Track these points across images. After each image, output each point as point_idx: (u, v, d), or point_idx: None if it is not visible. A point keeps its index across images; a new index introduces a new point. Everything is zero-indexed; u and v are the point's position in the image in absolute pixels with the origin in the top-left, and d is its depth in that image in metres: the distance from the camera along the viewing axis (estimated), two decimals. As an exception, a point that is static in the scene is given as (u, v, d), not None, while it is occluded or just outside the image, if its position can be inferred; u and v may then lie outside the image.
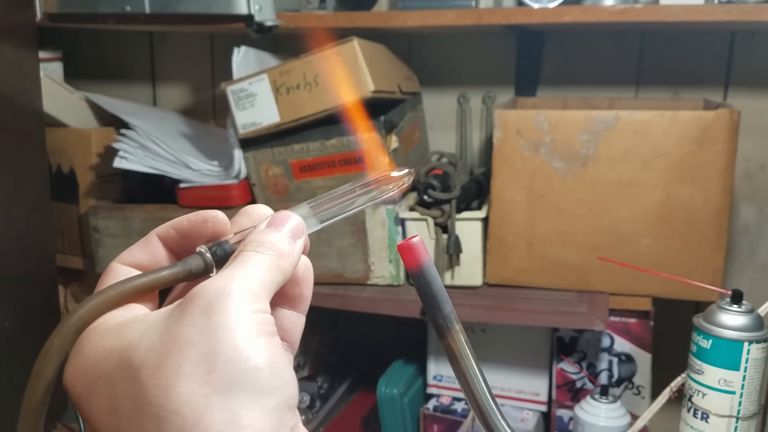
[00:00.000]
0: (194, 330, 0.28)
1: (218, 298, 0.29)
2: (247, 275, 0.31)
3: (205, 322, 0.29)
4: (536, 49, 1.34)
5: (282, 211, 0.35)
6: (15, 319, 1.10)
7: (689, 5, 1.04)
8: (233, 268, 0.31)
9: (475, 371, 0.35)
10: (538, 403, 1.20)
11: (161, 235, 0.35)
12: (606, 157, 1.05)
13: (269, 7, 1.14)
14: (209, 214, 0.35)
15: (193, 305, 0.29)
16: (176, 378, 0.28)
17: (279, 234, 0.33)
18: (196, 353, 0.28)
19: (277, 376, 0.29)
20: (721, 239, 1.04)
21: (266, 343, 0.29)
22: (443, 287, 0.35)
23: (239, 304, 0.29)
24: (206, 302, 0.29)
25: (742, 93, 1.27)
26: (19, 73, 1.14)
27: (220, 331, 0.28)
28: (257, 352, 0.29)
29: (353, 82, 1.05)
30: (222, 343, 0.28)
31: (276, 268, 0.32)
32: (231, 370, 0.28)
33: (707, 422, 0.77)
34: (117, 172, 1.29)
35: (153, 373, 0.28)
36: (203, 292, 0.30)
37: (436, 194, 1.09)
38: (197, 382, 0.28)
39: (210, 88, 1.57)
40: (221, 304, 0.29)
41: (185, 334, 0.28)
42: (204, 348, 0.28)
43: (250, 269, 0.31)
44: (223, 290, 0.29)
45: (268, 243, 0.33)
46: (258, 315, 0.30)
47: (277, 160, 1.14)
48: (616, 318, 1.15)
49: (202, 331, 0.28)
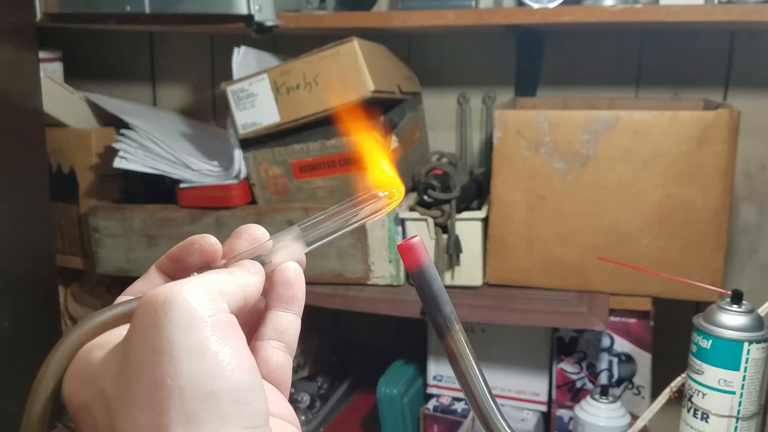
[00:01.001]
0: (145, 349, 0.26)
1: (163, 306, 0.26)
2: (201, 280, 0.29)
3: (157, 336, 0.26)
4: (536, 49, 1.34)
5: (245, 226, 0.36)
6: (15, 319, 1.10)
7: (689, 5, 1.04)
8: (188, 279, 0.29)
9: (475, 371, 0.35)
10: (538, 403, 1.20)
11: (159, 265, 0.36)
12: (606, 157, 1.05)
13: (269, 7, 1.14)
14: (197, 237, 0.34)
15: (139, 319, 0.27)
16: (137, 407, 0.26)
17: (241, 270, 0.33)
18: (151, 377, 0.26)
19: (240, 395, 0.26)
20: (721, 239, 1.04)
21: (224, 355, 0.27)
22: (443, 287, 0.35)
23: (191, 309, 0.27)
24: (151, 313, 0.27)
25: (742, 93, 1.27)
26: (19, 73, 1.14)
27: (173, 348, 0.26)
28: (216, 371, 0.26)
29: (353, 82, 1.05)
30: (178, 362, 0.26)
31: (236, 278, 0.31)
32: (188, 397, 0.26)
33: (707, 422, 0.77)
34: (117, 172, 1.28)
35: (120, 403, 0.27)
36: (147, 300, 0.27)
37: (436, 194, 1.09)
38: (155, 411, 0.26)
39: (210, 88, 1.57)
40: (168, 314, 0.26)
41: (137, 357, 0.26)
42: (158, 370, 0.26)
43: (204, 278, 0.30)
44: (168, 296, 0.27)
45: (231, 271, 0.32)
46: (214, 317, 0.27)
47: (277, 160, 1.14)
48: (616, 318, 1.15)
49: (154, 348, 0.26)
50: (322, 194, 1.14)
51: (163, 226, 1.19)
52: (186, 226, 1.18)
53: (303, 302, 0.36)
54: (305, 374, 1.35)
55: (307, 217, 0.38)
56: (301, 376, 1.35)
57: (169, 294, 0.27)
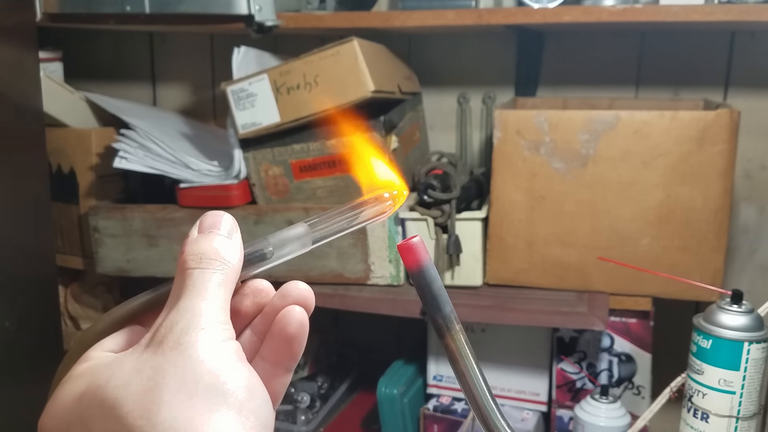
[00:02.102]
0: (169, 365, 0.30)
1: (186, 335, 0.31)
2: (207, 304, 0.32)
3: (178, 357, 0.30)
4: (536, 49, 1.34)
5: (208, 212, 0.35)
6: (15, 319, 1.10)
7: (689, 5, 1.04)
8: (189, 298, 0.32)
9: (475, 371, 0.35)
10: (538, 403, 1.20)
11: None
12: (606, 157, 1.05)
13: (269, 7, 1.14)
14: None
15: (163, 345, 0.31)
16: (158, 407, 0.29)
17: (218, 238, 0.34)
18: (175, 383, 0.29)
19: (254, 398, 0.31)
20: (721, 239, 1.04)
21: (240, 368, 0.31)
22: (443, 287, 0.35)
23: (208, 337, 0.31)
24: (175, 341, 0.30)
25: (742, 93, 1.27)
26: (19, 73, 1.14)
27: (194, 363, 0.30)
28: (233, 377, 0.30)
29: (353, 82, 1.05)
30: (198, 372, 0.30)
31: (228, 279, 0.33)
32: (211, 394, 0.29)
33: (707, 422, 0.77)
34: (117, 172, 1.28)
35: (134, 406, 0.29)
36: (170, 332, 0.31)
37: (436, 194, 1.09)
38: (179, 408, 0.29)
39: (210, 88, 1.57)
40: (190, 340, 0.30)
41: (160, 369, 0.30)
42: (182, 377, 0.30)
43: (207, 296, 0.32)
44: (188, 327, 0.31)
45: (212, 253, 0.33)
46: (227, 343, 0.31)
47: (277, 160, 1.14)
48: (616, 318, 1.15)
49: (176, 364, 0.30)
50: (322, 194, 1.14)
51: (163, 226, 1.19)
52: (186, 226, 1.18)
53: (300, 355, 0.36)
54: (305, 374, 1.35)
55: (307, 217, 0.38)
56: (301, 376, 1.35)
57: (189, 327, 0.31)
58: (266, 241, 0.35)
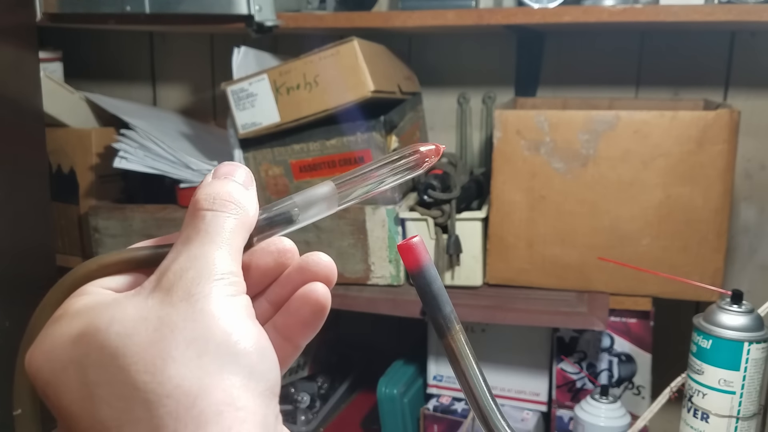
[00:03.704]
0: (178, 317, 0.28)
1: (198, 286, 0.28)
2: (221, 253, 0.30)
3: (189, 309, 0.28)
4: (536, 49, 1.34)
5: (224, 162, 0.34)
6: (15, 319, 1.10)
7: (689, 5, 1.04)
8: (202, 244, 0.30)
9: (475, 371, 0.35)
10: (538, 403, 1.20)
11: None
12: (606, 157, 1.05)
13: (269, 7, 1.14)
14: None
15: (171, 294, 0.29)
16: (165, 363, 0.27)
17: (233, 184, 0.32)
18: (184, 338, 0.27)
19: (264, 360, 0.29)
20: (721, 239, 1.04)
21: (251, 327, 0.29)
22: (443, 287, 0.35)
23: (221, 290, 0.29)
24: (185, 290, 0.28)
25: (742, 93, 1.27)
26: (19, 73, 1.14)
27: (206, 318, 0.28)
28: (245, 336, 0.28)
29: (353, 82, 1.05)
30: (210, 328, 0.28)
31: (242, 226, 0.31)
32: (222, 353, 0.28)
33: (707, 422, 0.77)
34: (117, 172, 1.29)
35: (137, 359, 0.27)
36: (180, 279, 0.29)
37: (436, 194, 1.09)
38: (188, 366, 0.27)
39: (210, 88, 1.57)
40: (202, 291, 0.28)
41: (169, 321, 0.28)
42: (192, 333, 0.28)
43: (221, 243, 0.30)
44: (200, 276, 0.29)
45: (227, 196, 0.31)
46: (239, 298, 0.29)
47: (277, 160, 1.14)
48: (616, 318, 1.15)
49: (186, 317, 0.28)
50: (322, 194, 1.14)
51: (163, 226, 1.19)
52: (186, 226, 1.18)
53: (314, 335, 0.35)
54: (305, 374, 1.35)
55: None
56: (301, 376, 1.35)
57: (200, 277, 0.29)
58: (292, 202, 0.33)
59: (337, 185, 0.34)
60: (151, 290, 0.29)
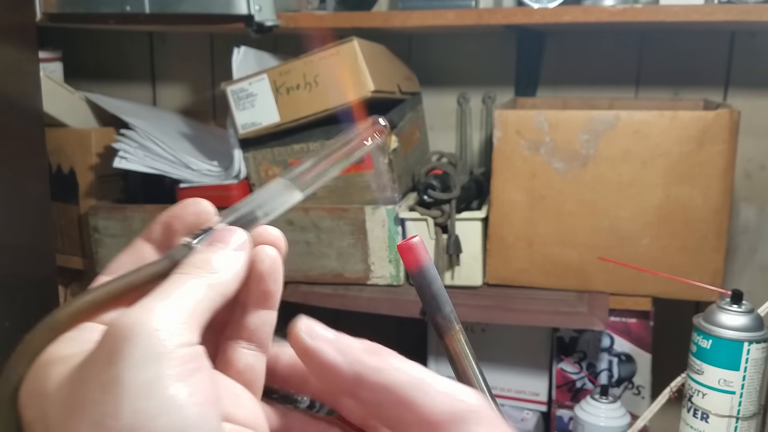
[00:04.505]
0: (95, 383, 0.24)
1: (124, 341, 0.24)
2: (171, 305, 0.26)
3: (107, 373, 0.24)
4: (536, 49, 1.34)
5: (224, 227, 0.30)
6: (15, 319, 1.10)
7: (689, 5, 1.04)
8: (154, 298, 0.26)
9: (475, 371, 0.35)
10: (538, 403, 1.20)
11: (146, 236, 0.32)
12: (606, 157, 1.05)
13: (269, 7, 1.14)
14: (191, 200, 0.32)
15: (99, 350, 0.25)
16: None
17: (218, 253, 0.29)
18: (94, 415, 0.24)
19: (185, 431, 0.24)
20: (721, 239, 1.04)
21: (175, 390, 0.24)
22: (443, 287, 0.35)
23: (149, 347, 0.24)
24: (112, 345, 0.24)
25: (742, 93, 1.27)
26: (19, 73, 1.14)
27: (120, 388, 0.24)
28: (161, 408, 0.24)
29: (353, 82, 1.05)
30: (121, 403, 0.23)
31: (211, 289, 0.27)
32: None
33: (707, 422, 0.77)
34: (117, 172, 1.28)
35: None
36: (111, 331, 0.25)
37: (436, 194, 1.09)
38: None
39: (210, 88, 1.57)
40: (126, 349, 0.24)
41: (86, 389, 0.24)
42: (103, 409, 0.24)
43: (177, 297, 0.26)
44: (132, 329, 0.24)
45: (204, 263, 0.28)
46: (176, 353, 0.25)
47: (277, 160, 1.14)
48: (616, 318, 1.15)
49: (102, 384, 0.24)
50: (322, 194, 1.14)
51: (163, 226, 1.19)
52: (186, 226, 1.18)
53: (278, 296, 0.31)
54: (305, 374, 1.35)
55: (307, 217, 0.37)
56: (301, 376, 1.34)
57: (133, 327, 0.25)
58: (252, 202, 0.32)
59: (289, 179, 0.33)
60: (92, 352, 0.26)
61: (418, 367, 0.27)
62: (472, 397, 0.27)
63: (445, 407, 0.26)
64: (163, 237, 0.31)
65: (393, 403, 0.27)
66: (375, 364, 0.28)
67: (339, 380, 0.28)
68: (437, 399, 0.26)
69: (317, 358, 0.28)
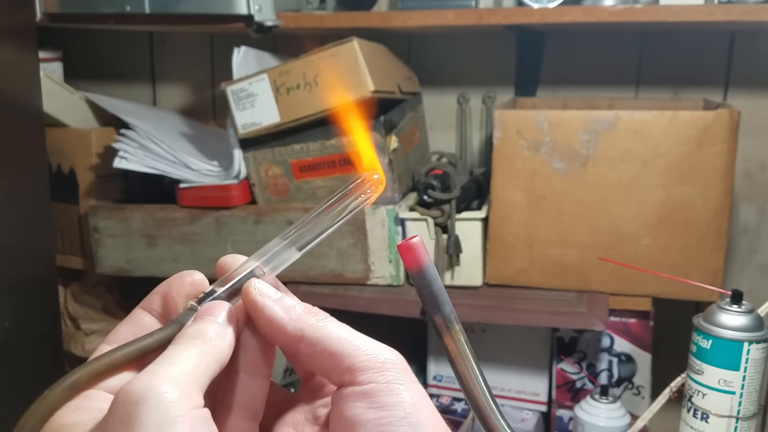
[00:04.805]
0: None
1: (136, 406, 0.26)
2: (178, 371, 0.28)
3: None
4: (536, 49, 1.34)
5: (211, 302, 0.32)
6: (15, 319, 1.10)
7: (689, 5, 1.04)
8: (160, 364, 0.28)
9: (475, 371, 0.35)
10: (538, 403, 1.20)
11: (145, 306, 0.34)
12: (606, 157, 1.05)
13: (269, 7, 1.14)
14: (186, 272, 0.34)
15: (112, 416, 0.26)
16: None
17: (211, 323, 0.31)
18: None
19: None
20: (720, 239, 1.04)
21: None
22: (443, 287, 0.35)
23: (162, 411, 0.26)
24: (125, 411, 0.26)
25: (742, 93, 1.27)
26: (19, 73, 1.14)
27: None
28: None
29: (353, 82, 1.05)
30: None
31: (208, 354, 0.30)
32: None
33: (707, 422, 0.77)
34: (117, 172, 1.28)
35: None
36: (122, 397, 0.27)
37: (436, 194, 1.09)
38: None
39: (210, 88, 1.57)
40: (141, 413, 0.26)
41: None
42: None
43: (181, 364, 0.28)
44: (143, 394, 0.26)
45: (194, 332, 0.30)
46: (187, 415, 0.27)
47: (277, 160, 1.14)
48: (616, 318, 1.15)
49: None
50: (322, 194, 1.14)
51: (163, 226, 1.19)
52: (186, 226, 1.18)
53: (273, 364, 0.33)
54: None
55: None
56: (301, 376, 1.35)
57: (145, 392, 0.26)
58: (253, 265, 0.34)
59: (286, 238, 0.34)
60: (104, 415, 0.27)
61: (349, 329, 0.32)
62: (393, 354, 0.32)
63: (370, 357, 0.31)
64: (162, 307, 0.34)
65: (328, 355, 0.31)
66: (314, 322, 0.32)
67: (283, 335, 0.32)
68: (364, 352, 0.31)
69: (265, 314, 0.32)
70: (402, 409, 0.30)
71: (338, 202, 0.35)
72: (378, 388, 0.30)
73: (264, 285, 0.33)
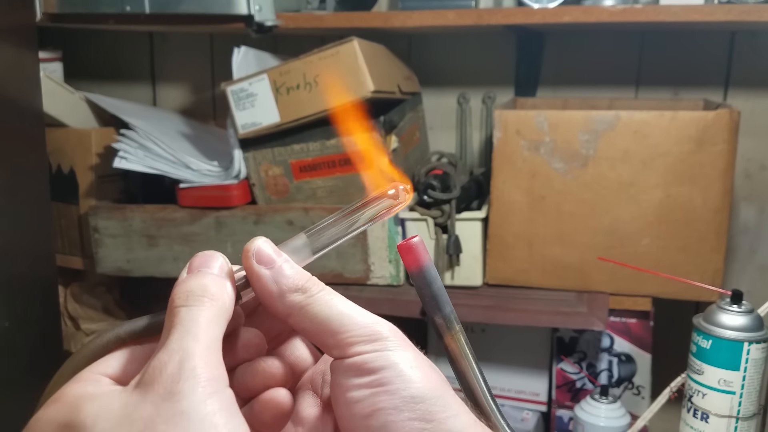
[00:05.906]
0: (160, 419, 0.28)
1: (177, 384, 0.28)
2: (200, 348, 0.29)
3: (170, 410, 0.28)
4: (536, 49, 1.34)
5: (199, 252, 0.33)
6: (15, 319, 1.10)
7: (689, 5, 1.04)
8: (180, 338, 0.30)
9: (475, 371, 0.35)
10: (538, 403, 1.20)
11: None
12: (606, 157, 1.05)
13: (269, 7, 1.14)
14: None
15: (153, 390, 0.28)
16: None
17: (207, 276, 0.32)
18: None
19: None
20: (720, 239, 1.04)
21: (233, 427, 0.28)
22: (443, 287, 0.35)
23: (201, 389, 0.28)
24: (166, 389, 0.28)
25: (742, 93, 1.27)
26: (19, 73, 1.14)
27: (186, 421, 0.28)
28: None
29: (353, 82, 1.05)
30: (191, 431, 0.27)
31: (218, 317, 0.31)
32: None
33: (707, 422, 0.77)
34: (117, 172, 1.28)
35: None
36: (160, 375, 0.29)
37: (436, 194, 1.09)
38: None
39: (210, 88, 1.57)
40: (182, 391, 0.28)
41: (151, 423, 0.28)
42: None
43: (199, 338, 0.30)
44: (180, 373, 0.28)
45: (200, 290, 0.32)
46: (222, 395, 0.29)
47: (277, 160, 1.14)
48: (616, 318, 1.15)
49: (168, 420, 0.28)
50: (322, 194, 1.14)
51: (163, 226, 1.19)
52: (186, 226, 1.18)
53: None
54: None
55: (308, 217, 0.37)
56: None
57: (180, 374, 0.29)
58: None
59: (308, 235, 0.35)
60: (135, 386, 0.29)
61: (338, 303, 0.34)
62: (386, 326, 0.34)
63: (363, 331, 0.33)
64: None
65: (316, 333, 0.33)
66: (300, 300, 0.33)
67: (273, 309, 0.33)
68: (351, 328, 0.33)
69: (258, 283, 0.33)
70: (393, 370, 0.33)
71: (362, 208, 0.35)
72: (368, 359, 0.32)
73: (266, 245, 0.33)
